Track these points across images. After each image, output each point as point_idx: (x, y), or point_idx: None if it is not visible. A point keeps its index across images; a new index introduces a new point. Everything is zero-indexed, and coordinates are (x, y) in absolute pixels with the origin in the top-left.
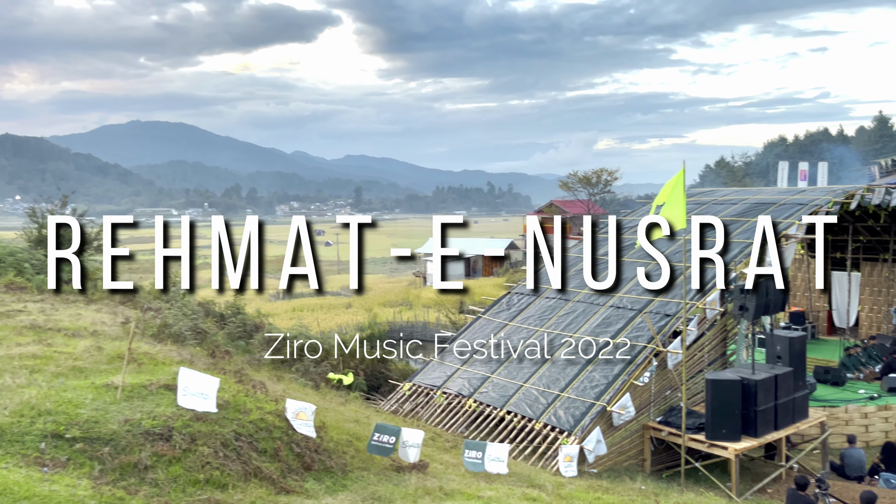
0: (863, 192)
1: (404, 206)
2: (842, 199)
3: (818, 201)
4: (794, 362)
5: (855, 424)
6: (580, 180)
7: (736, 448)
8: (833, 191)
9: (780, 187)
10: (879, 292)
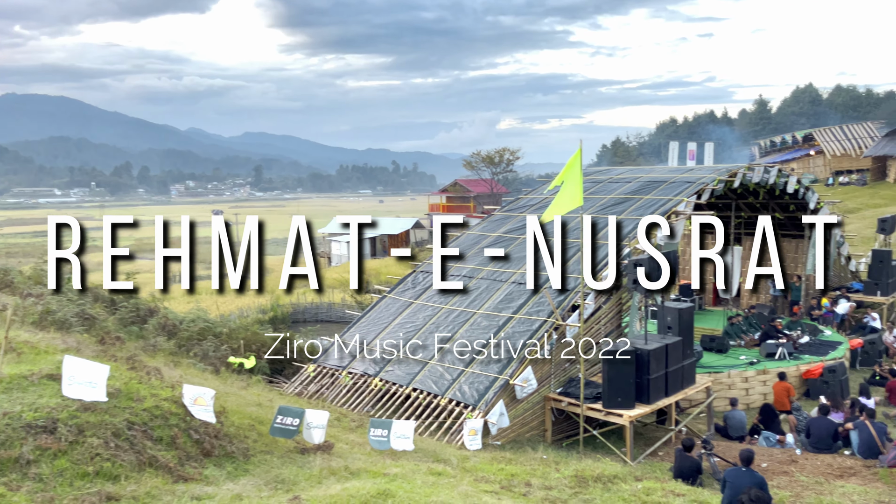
0: (744, 170)
1: (307, 185)
2: (726, 177)
3: (705, 179)
4: (682, 332)
5: (737, 388)
6: (483, 159)
7: (630, 415)
8: (718, 169)
9: (670, 166)
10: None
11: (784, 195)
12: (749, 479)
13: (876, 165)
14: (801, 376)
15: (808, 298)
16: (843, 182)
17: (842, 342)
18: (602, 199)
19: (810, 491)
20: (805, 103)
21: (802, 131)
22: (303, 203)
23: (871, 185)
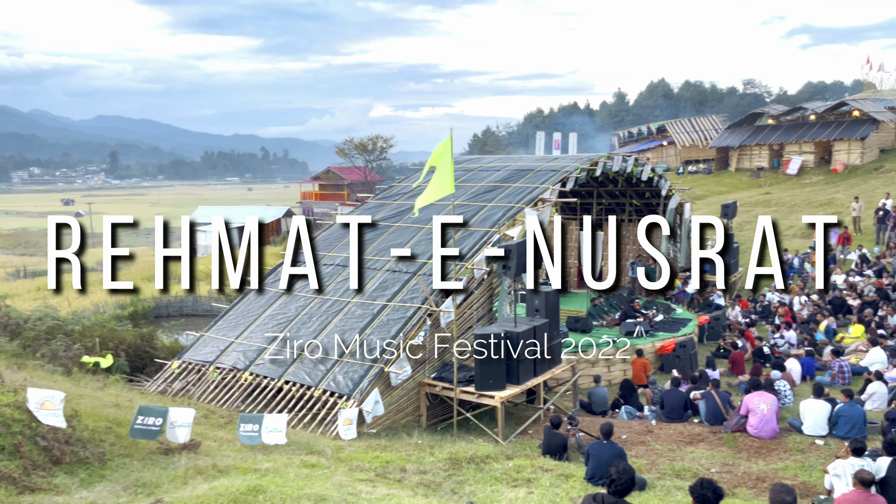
0: (605, 159)
1: (169, 172)
2: (588, 165)
3: (569, 168)
4: (549, 314)
5: (600, 366)
6: (356, 147)
7: (501, 396)
8: (581, 158)
9: (537, 155)
10: (619, 248)
11: (640, 183)
12: (610, 450)
13: (720, 156)
14: (657, 352)
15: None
16: (691, 171)
17: (691, 319)
18: (474, 187)
19: (664, 458)
20: (658, 97)
21: (656, 123)
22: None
23: (715, 173)
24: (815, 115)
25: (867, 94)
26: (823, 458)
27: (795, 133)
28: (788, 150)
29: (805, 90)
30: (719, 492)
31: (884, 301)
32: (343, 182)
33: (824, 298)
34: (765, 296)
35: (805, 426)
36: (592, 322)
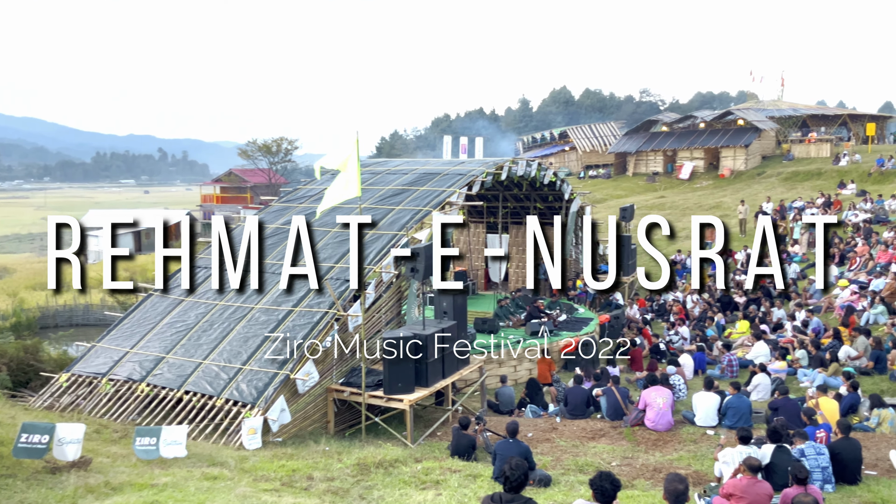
0: (510, 164)
1: (56, 173)
2: (493, 170)
3: (475, 172)
4: (457, 316)
5: (506, 366)
6: (261, 149)
7: (410, 399)
8: (487, 163)
9: (444, 159)
10: (524, 251)
11: (543, 187)
12: (516, 449)
13: (618, 161)
14: (561, 351)
15: (566, 280)
16: (592, 175)
17: (593, 318)
18: (381, 190)
19: (568, 454)
20: (561, 103)
21: (559, 129)
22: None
23: (614, 178)
24: (704, 123)
25: (750, 105)
26: (714, 447)
27: (687, 140)
28: (681, 155)
29: (695, 99)
30: (616, 483)
31: (766, 298)
32: (246, 185)
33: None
34: (660, 295)
35: (697, 418)
36: (499, 323)
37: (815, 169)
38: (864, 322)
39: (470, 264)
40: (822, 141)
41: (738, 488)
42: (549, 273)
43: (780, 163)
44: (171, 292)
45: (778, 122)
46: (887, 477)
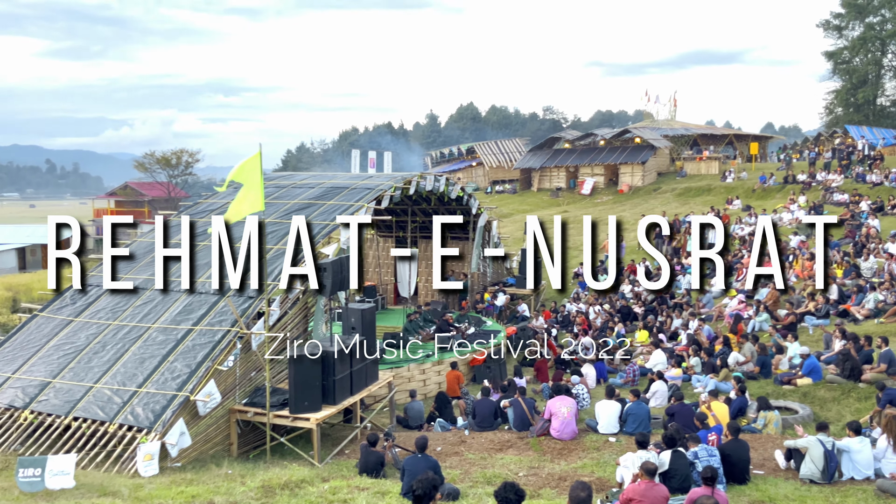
0: (418, 179)
1: None
2: (402, 184)
3: (383, 186)
4: (366, 331)
5: (416, 380)
6: (158, 161)
7: (317, 417)
8: (395, 177)
9: (352, 173)
10: (432, 265)
11: (452, 201)
12: (424, 464)
13: (524, 176)
14: (469, 364)
15: (474, 293)
16: (499, 190)
17: (500, 330)
18: (286, 204)
19: (476, 466)
20: (468, 120)
21: (466, 144)
22: None
23: (520, 193)
24: (604, 140)
25: (646, 123)
26: (616, 453)
27: (588, 156)
28: (582, 171)
29: (596, 118)
30: (521, 493)
31: (663, 307)
32: (143, 198)
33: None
34: (565, 306)
35: (600, 426)
36: (409, 337)
37: (705, 185)
38: (751, 329)
39: (379, 279)
40: (711, 159)
41: (637, 492)
42: (550, 273)
43: (675, 179)
44: (60, 312)
45: (671, 141)
46: (773, 475)
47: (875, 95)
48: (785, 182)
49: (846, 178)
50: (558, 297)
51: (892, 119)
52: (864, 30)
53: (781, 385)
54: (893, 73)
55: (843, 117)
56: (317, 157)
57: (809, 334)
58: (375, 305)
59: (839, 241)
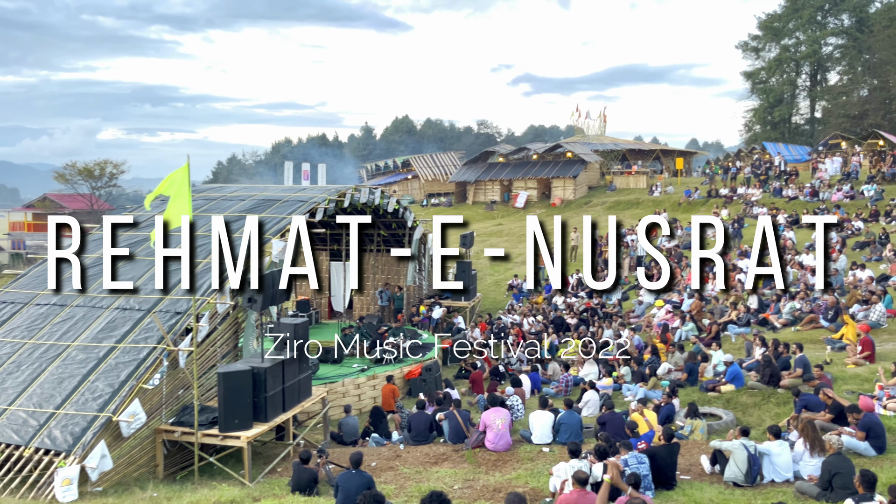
0: (352, 191)
1: None
2: (336, 197)
3: (316, 199)
4: (298, 347)
5: (350, 395)
6: (80, 172)
7: (248, 436)
8: (329, 190)
9: (285, 185)
10: (368, 278)
11: (387, 214)
12: (358, 480)
13: (459, 189)
14: (405, 377)
15: (410, 306)
16: (434, 203)
17: (435, 343)
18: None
19: (411, 481)
20: (403, 132)
21: (402, 157)
22: None
23: (455, 205)
24: (536, 154)
25: (577, 138)
26: (549, 463)
27: (521, 170)
28: (516, 185)
29: (529, 132)
30: (446, 502)
31: (594, 318)
32: (63, 211)
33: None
34: (500, 318)
35: (534, 436)
36: (343, 352)
37: (634, 199)
38: (678, 338)
39: (313, 293)
40: (639, 173)
41: (569, 501)
42: (550, 275)
43: (605, 193)
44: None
45: (601, 156)
46: (699, 480)
47: (790, 114)
48: (708, 196)
49: (764, 193)
50: (493, 309)
51: (806, 136)
52: (780, 51)
53: (707, 392)
54: (806, 93)
55: (762, 134)
56: (249, 170)
57: (732, 342)
58: (309, 320)
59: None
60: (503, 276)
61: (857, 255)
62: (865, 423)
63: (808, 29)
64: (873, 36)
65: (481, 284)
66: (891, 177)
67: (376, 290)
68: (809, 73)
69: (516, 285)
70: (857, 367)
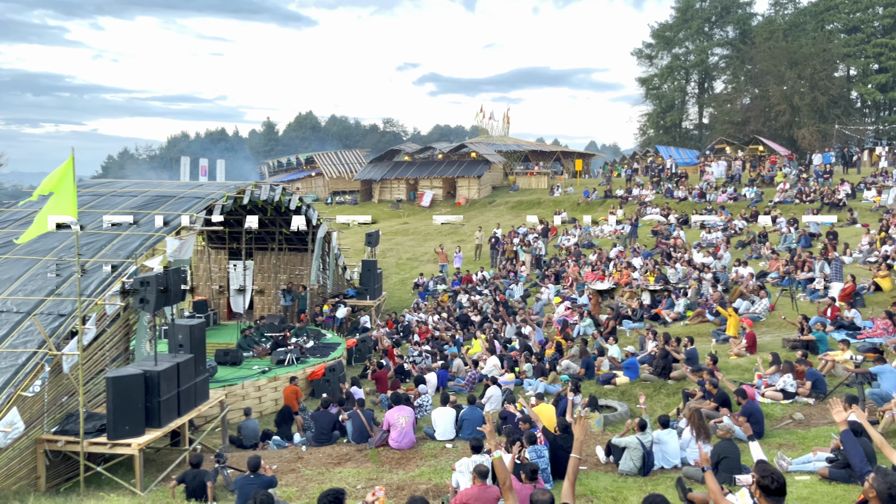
0: (252, 188)
1: None
2: (234, 193)
3: (214, 195)
4: (195, 349)
5: (251, 398)
6: None
7: (139, 442)
8: (227, 186)
9: (181, 181)
10: (269, 277)
11: (289, 212)
12: (257, 483)
13: (364, 187)
14: (308, 378)
15: (313, 306)
16: (339, 201)
17: (340, 343)
18: (105, 214)
19: (314, 482)
20: (307, 129)
21: (305, 154)
22: None
23: (361, 204)
24: (442, 154)
25: (482, 139)
26: (452, 459)
27: (427, 169)
28: (422, 184)
29: (434, 132)
30: (340, 497)
31: (498, 315)
32: None
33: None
34: (405, 316)
35: (437, 433)
36: (243, 354)
37: (535, 199)
38: (577, 334)
39: (211, 293)
40: (541, 174)
41: (470, 495)
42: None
43: (508, 192)
44: None
45: (505, 156)
46: (594, 470)
47: (681, 119)
48: (606, 196)
49: (657, 194)
50: (399, 308)
51: (695, 141)
52: (671, 59)
53: (603, 385)
54: (695, 100)
55: (655, 138)
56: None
57: (627, 336)
58: (206, 321)
59: (651, 251)
60: (409, 275)
61: (739, 253)
62: (747, 409)
63: (696, 39)
64: (755, 48)
65: (387, 283)
66: (769, 180)
67: (278, 289)
68: (698, 80)
69: (422, 284)
70: (739, 358)
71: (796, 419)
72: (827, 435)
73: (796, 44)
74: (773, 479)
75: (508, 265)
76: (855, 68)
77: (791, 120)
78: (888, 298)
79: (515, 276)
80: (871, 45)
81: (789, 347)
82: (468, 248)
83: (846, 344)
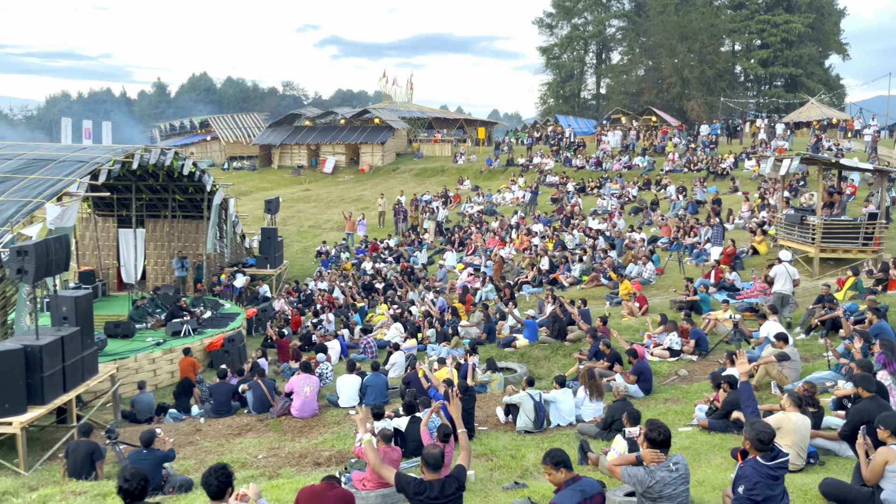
0: (141, 152)
1: None
2: (122, 157)
3: (99, 159)
4: (81, 321)
5: (145, 371)
6: None
7: (21, 421)
8: (114, 150)
9: (62, 144)
10: (163, 246)
11: (183, 178)
12: (151, 458)
13: (263, 153)
14: (205, 349)
15: (210, 275)
16: (237, 167)
17: (239, 313)
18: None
19: (213, 454)
20: (202, 91)
21: (200, 117)
22: None
23: (260, 170)
24: (344, 119)
25: (385, 105)
26: (355, 426)
27: (329, 135)
28: (324, 150)
29: (336, 96)
30: (223, 475)
31: (402, 282)
32: None
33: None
34: (307, 285)
35: (341, 400)
36: (136, 325)
37: (439, 166)
38: (479, 299)
39: (99, 263)
40: (444, 141)
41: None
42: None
43: (412, 160)
44: None
45: (409, 123)
46: (495, 430)
47: (580, 89)
48: (508, 165)
49: (556, 162)
50: (301, 277)
51: (593, 111)
52: (571, 30)
53: (503, 348)
54: (593, 71)
55: (555, 107)
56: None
57: (526, 301)
58: (94, 292)
59: (550, 218)
60: (311, 243)
61: (632, 220)
62: (637, 368)
63: (594, 10)
64: (649, 20)
65: (288, 252)
66: (661, 149)
67: (173, 258)
68: (596, 51)
69: (325, 252)
70: (631, 319)
71: (681, 375)
72: (708, 388)
73: (686, 18)
74: (660, 431)
75: (412, 233)
76: (739, 43)
77: (681, 92)
78: (764, 261)
79: (419, 244)
80: (755, 21)
81: (676, 308)
82: (372, 216)
83: (727, 304)
